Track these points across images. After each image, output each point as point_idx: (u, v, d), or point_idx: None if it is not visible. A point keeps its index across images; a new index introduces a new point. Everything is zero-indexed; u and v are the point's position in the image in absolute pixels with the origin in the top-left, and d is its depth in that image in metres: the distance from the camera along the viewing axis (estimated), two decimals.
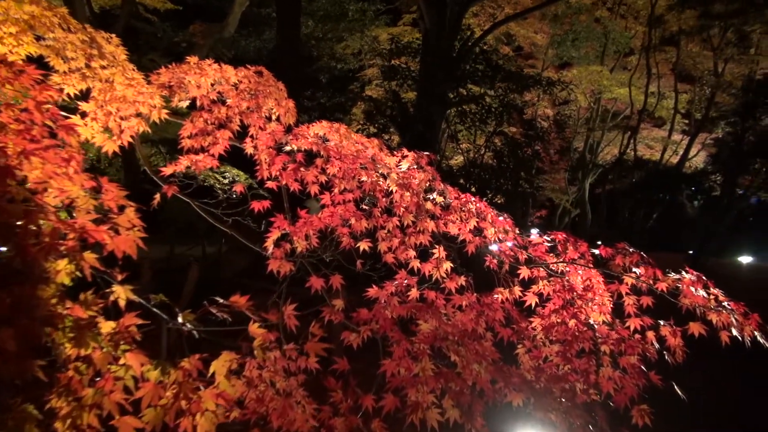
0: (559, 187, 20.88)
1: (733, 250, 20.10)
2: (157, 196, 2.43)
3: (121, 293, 1.25)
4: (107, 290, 1.25)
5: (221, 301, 1.25)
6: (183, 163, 2.49)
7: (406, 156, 2.75)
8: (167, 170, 2.49)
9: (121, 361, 1.13)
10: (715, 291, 2.43)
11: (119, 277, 1.25)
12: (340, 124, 2.84)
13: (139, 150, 2.58)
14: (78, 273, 1.23)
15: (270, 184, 2.41)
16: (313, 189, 2.46)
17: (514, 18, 17.05)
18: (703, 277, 2.47)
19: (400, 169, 2.77)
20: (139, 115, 2.56)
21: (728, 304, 2.26)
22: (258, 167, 2.46)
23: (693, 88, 19.74)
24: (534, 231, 2.93)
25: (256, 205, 2.47)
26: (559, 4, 17.45)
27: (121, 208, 1.26)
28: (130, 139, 2.46)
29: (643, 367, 2.18)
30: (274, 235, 2.26)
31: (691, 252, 17.94)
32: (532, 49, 20.90)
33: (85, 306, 1.20)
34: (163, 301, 1.39)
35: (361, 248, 2.42)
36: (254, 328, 1.40)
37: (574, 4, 17.99)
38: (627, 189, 20.36)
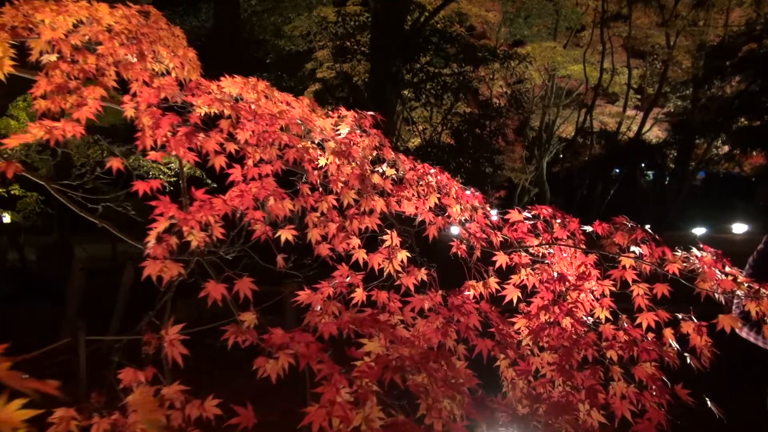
0: (517, 167, 20.64)
1: (686, 223, 20.35)
2: None
3: None
4: None
5: None
6: (34, 132, 1.79)
7: (345, 117, 2.13)
8: (10, 142, 1.79)
9: None
10: (733, 270, 1.93)
11: None
12: (259, 79, 2.20)
13: None
14: None
15: (153, 155, 1.75)
16: (218, 162, 1.81)
17: None
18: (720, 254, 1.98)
19: (339, 135, 2.16)
20: None
21: (763, 289, 1.76)
22: (139, 134, 1.79)
23: (645, 63, 19.74)
24: (494, 212, 2.38)
25: (141, 186, 1.80)
26: None
27: None
28: None
29: (664, 377, 1.65)
30: (160, 225, 1.61)
31: (648, 226, 18.00)
32: (484, 27, 20.50)
33: None
34: None
35: (283, 238, 1.79)
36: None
37: None
38: (586, 164, 20.30)
